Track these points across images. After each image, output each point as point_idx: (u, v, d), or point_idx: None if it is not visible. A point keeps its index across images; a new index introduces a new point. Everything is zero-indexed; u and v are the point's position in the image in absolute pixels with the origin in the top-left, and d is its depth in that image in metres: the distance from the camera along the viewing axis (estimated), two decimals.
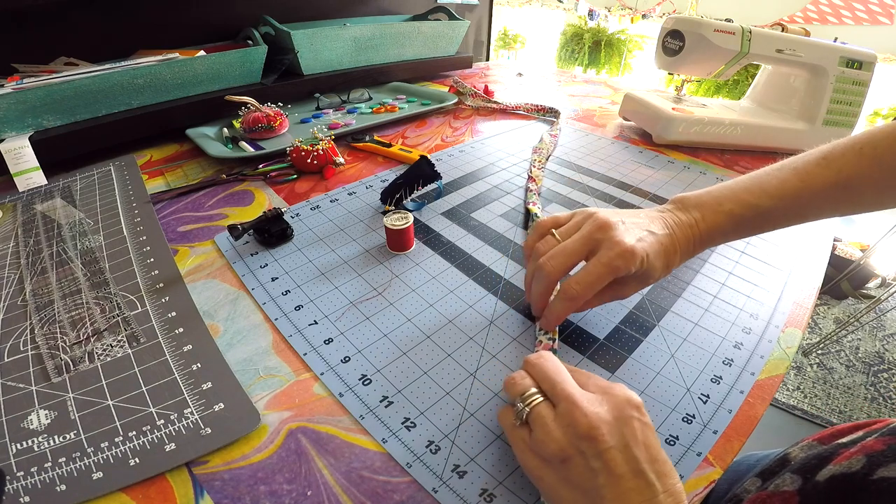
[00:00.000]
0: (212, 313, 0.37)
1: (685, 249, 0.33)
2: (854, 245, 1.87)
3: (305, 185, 0.56)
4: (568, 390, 0.24)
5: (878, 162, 0.31)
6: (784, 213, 0.34)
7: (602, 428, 0.22)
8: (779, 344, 0.35)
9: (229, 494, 0.25)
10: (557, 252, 0.31)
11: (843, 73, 0.65)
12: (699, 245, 0.34)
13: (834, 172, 0.32)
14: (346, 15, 0.95)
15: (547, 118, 0.80)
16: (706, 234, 0.33)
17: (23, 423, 0.28)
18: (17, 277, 0.41)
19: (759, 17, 2.58)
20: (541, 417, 0.24)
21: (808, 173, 0.33)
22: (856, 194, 0.32)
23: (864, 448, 0.26)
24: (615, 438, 0.22)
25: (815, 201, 0.33)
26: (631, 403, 0.23)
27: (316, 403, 0.30)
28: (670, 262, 0.33)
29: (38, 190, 0.55)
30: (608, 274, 0.30)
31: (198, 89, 0.68)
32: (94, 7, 0.65)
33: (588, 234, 0.31)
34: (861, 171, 0.32)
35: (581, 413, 0.23)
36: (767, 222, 0.34)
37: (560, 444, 0.22)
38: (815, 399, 1.36)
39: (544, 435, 0.23)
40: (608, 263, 0.30)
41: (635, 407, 0.23)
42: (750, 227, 0.34)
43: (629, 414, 0.23)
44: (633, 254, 0.30)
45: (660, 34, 0.69)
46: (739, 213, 0.33)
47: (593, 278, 0.30)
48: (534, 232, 0.35)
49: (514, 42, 3.73)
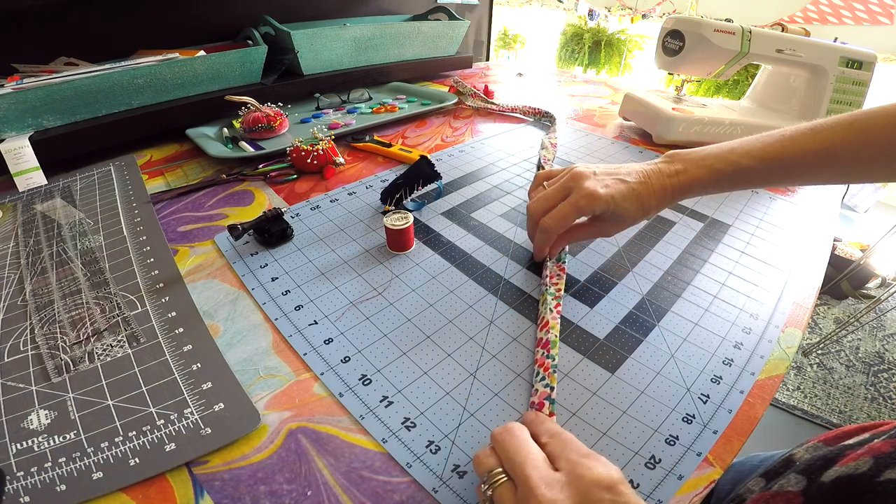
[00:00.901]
0: (212, 313, 0.37)
1: (661, 196, 0.38)
2: (854, 245, 1.88)
3: (305, 185, 0.56)
4: (526, 472, 0.21)
5: (868, 136, 0.34)
6: (764, 175, 0.37)
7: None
8: (779, 344, 0.35)
9: (229, 494, 0.25)
10: (540, 196, 0.39)
11: (843, 73, 0.65)
12: (678, 193, 0.38)
13: (819, 141, 0.35)
14: (346, 15, 0.95)
15: (543, 122, 0.79)
16: (686, 184, 0.37)
17: (23, 423, 0.28)
18: (17, 277, 0.41)
19: (759, 17, 2.58)
20: (500, 501, 0.22)
21: (794, 140, 0.35)
22: (838, 162, 0.35)
23: (871, 450, 0.26)
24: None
25: (797, 166, 0.36)
26: (601, 484, 0.20)
27: (316, 403, 0.30)
28: (644, 205, 0.38)
29: (38, 190, 0.55)
30: (574, 212, 0.37)
31: (198, 89, 0.68)
32: (94, 7, 0.65)
33: (563, 183, 0.38)
34: (847, 142, 0.34)
35: (534, 499, 0.20)
36: (747, 181, 0.38)
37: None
38: (815, 399, 1.36)
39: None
40: (574, 203, 0.36)
41: (606, 488, 0.20)
42: (729, 183, 0.38)
43: (596, 497, 0.20)
44: (595, 197, 0.36)
45: (660, 34, 0.69)
46: (720, 168, 0.37)
47: (561, 214, 0.37)
48: (533, 182, 0.44)
49: (514, 42, 3.73)
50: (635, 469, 0.26)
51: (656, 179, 0.38)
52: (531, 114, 0.80)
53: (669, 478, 0.26)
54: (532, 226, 0.40)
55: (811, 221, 0.51)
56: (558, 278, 0.39)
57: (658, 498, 0.25)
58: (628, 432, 0.28)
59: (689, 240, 0.47)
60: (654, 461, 0.27)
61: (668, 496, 0.25)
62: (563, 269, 0.40)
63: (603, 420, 0.29)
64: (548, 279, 0.39)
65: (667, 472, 0.26)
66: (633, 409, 0.29)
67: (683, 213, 0.51)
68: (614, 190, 0.37)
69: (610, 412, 0.29)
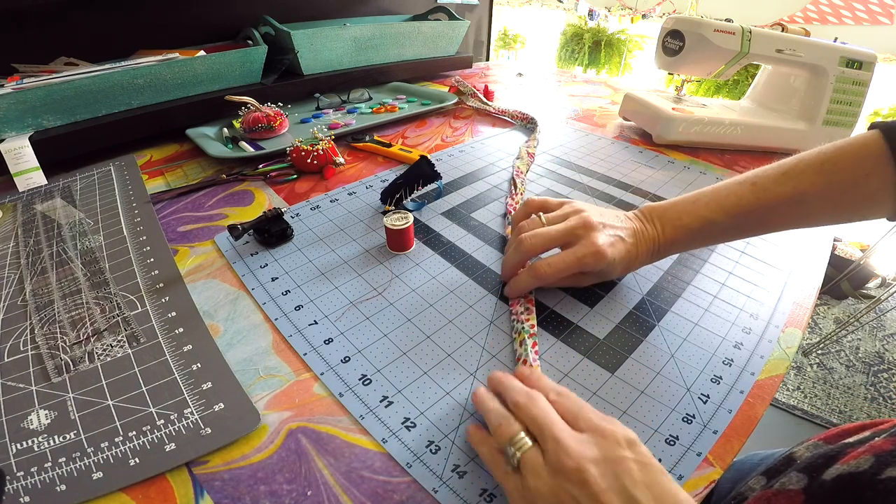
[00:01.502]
0: (212, 313, 0.37)
1: (644, 258, 0.37)
2: (854, 245, 1.87)
3: (305, 185, 0.56)
4: (556, 434, 0.23)
5: (836, 179, 0.33)
6: (737, 228, 0.37)
7: (590, 470, 0.21)
8: (779, 344, 0.35)
9: (229, 494, 0.25)
10: (540, 234, 0.36)
11: (843, 73, 0.65)
12: (657, 255, 0.38)
13: (790, 188, 0.34)
14: (346, 15, 0.95)
15: (527, 127, 0.76)
16: (665, 245, 0.37)
17: (23, 423, 0.28)
18: (17, 277, 0.41)
19: (759, 17, 2.58)
20: (531, 463, 0.23)
21: (766, 190, 0.35)
22: (809, 209, 0.34)
23: (872, 448, 0.26)
24: (608, 481, 0.21)
25: (769, 216, 0.35)
26: (622, 442, 0.22)
27: (316, 403, 0.30)
28: (630, 266, 0.37)
29: (38, 190, 0.55)
30: (576, 266, 0.34)
31: (198, 89, 0.68)
32: (94, 7, 0.65)
33: (571, 228, 0.35)
34: (816, 188, 0.33)
35: (567, 456, 0.22)
36: (722, 235, 0.38)
37: (551, 489, 0.21)
38: (815, 399, 1.36)
39: (535, 482, 0.22)
40: (580, 258, 0.34)
41: (628, 444, 0.22)
42: (705, 240, 0.38)
43: (621, 454, 0.22)
44: (604, 256, 0.34)
45: (660, 34, 0.69)
46: (695, 227, 0.36)
47: (563, 266, 0.35)
48: (523, 207, 0.40)
49: (514, 42, 3.73)
50: None
51: (643, 241, 0.37)
52: (518, 118, 0.77)
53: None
54: (518, 262, 0.37)
55: None
56: (527, 313, 0.35)
57: None
58: None
59: None
60: None
61: None
62: (532, 301, 0.37)
63: None
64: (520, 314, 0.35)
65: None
66: (633, 409, 0.29)
67: None
68: (616, 250, 0.35)
69: (610, 412, 0.29)
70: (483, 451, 0.25)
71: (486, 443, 0.26)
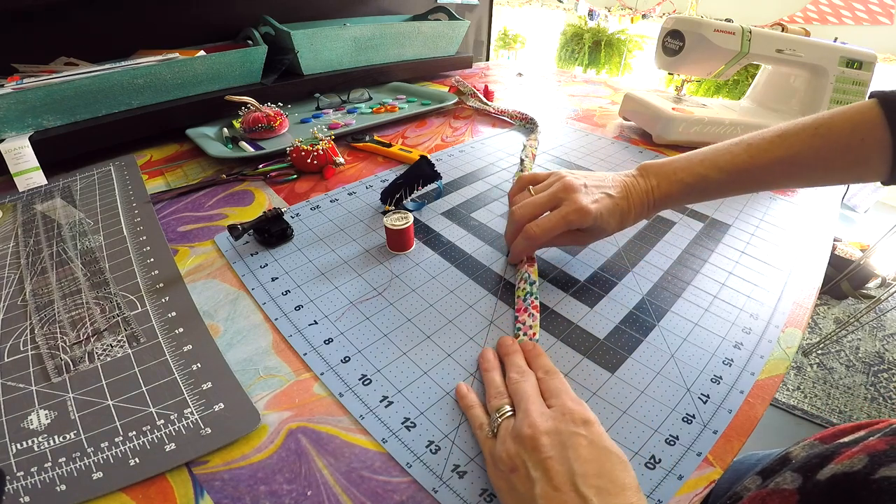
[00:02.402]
0: (212, 313, 0.37)
1: (639, 211, 0.39)
2: (854, 245, 1.88)
3: (305, 185, 0.56)
4: (529, 407, 0.26)
5: (831, 142, 0.34)
6: (731, 185, 0.38)
7: (542, 438, 0.24)
8: (779, 344, 0.35)
9: (229, 494, 0.25)
10: (527, 203, 0.39)
11: (843, 73, 0.65)
12: (653, 208, 0.39)
13: (785, 148, 0.35)
14: (346, 15, 0.95)
15: (526, 127, 0.75)
16: (660, 199, 0.39)
17: (23, 423, 0.28)
18: (17, 277, 0.41)
19: (759, 17, 2.58)
20: (503, 429, 0.26)
21: (760, 149, 0.36)
22: (802, 169, 0.36)
23: (867, 447, 0.26)
24: (556, 450, 0.23)
25: (763, 175, 0.37)
26: (577, 420, 0.25)
27: (316, 403, 0.30)
28: (624, 220, 0.39)
29: (38, 190, 0.55)
30: (562, 224, 0.37)
31: (198, 89, 0.68)
32: (94, 7, 0.65)
33: (554, 192, 0.38)
34: (812, 148, 0.35)
35: (528, 423, 0.24)
36: (716, 191, 0.38)
37: (509, 452, 0.24)
38: (815, 399, 1.36)
39: (500, 445, 0.25)
40: (564, 216, 0.36)
41: (584, 423, 0.24)
42: (700, 195, 0.39)
43: (574, 430, 0.24)
44: (586, 212, 0.36)
45: (660, 34, 0.69)
46: (690, 182, 0.38)
47: (550, 225, 0.37)
48: (515, 184, 0.43)
49: (514, 42, 3.73)
50: (635, 469, 0.26)
51: (635, 195, 0.38)
52: (517, 118, 0.77)
53: (669, 478, 0.26)
54: (514, 231, 0.39)
55: (811, 221, 0.51)
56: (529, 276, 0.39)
57: (658, 498, 0.25)
58: (628, 432, 0.28)
59: (689, 240, 0.47)
60: (654, 461, 0.27)
61: (668, 496, 0.25)
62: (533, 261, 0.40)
63: (603, 420, 0.29)
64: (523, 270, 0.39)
65: (667, 472, 0.26)
66: (633, 409, 0.29)
67: (683, 213, 0.51)
68: (602, 205, 0.37)
69: (610, 412, 0.29)
70: (471, 414, 0.29)
71: (475, 408, 0.29)
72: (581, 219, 0.36)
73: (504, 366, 0.31)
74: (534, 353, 0.32)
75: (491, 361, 0.32)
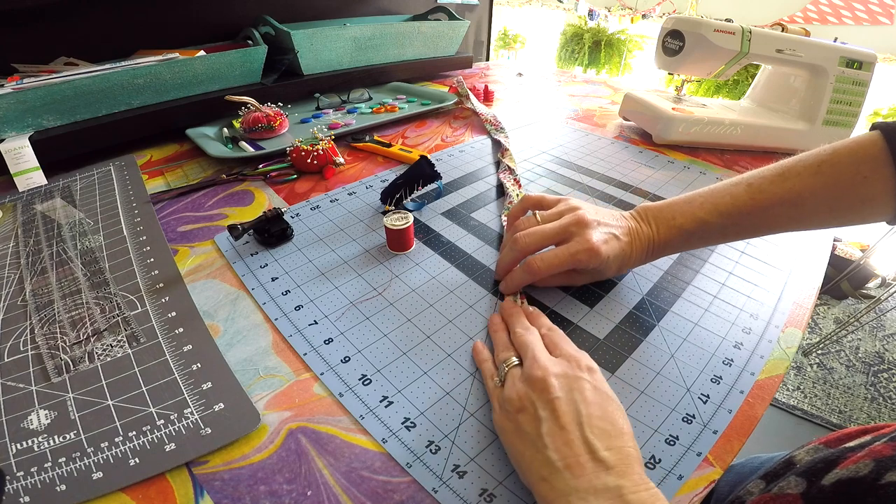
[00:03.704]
0: (212, 313, 0.37)
1: (639, 257, 0.37)
2: (854, 245, 1.87)
3: (305, 185, 0.56)
4: (535, 354, 0.28)
5: (833, 181, 0.32)
6: (732, 229, 0.36)
7: (551, 379, 0.25)
8: (779, 344, 0.35)
9: (229, 494, 0.25)
10: (535, 232, 0.36)
11: (843, 73, 0.65)
12: (652, 255, 0.38)
13: (786, 189, 0.34)
14: (346, 15, 0.95)
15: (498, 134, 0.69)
16: (660, 246, 0.37)
17: (23, 423, 0.28)
18: (17, 277, 0.41)
19: (759, 17, 2.58)
20: (511, 376, 0.28)
21: (762, 191, 0.34)
22: (806, 211, 0.34)
23: (873, 452, 0.26)
24: (563, 392, 0.25)
25: (764, 218, 0.35)
26: (583, 367, 0.27)
27: (316, 403, 0.30)
28: (624, 266, 0.37)
29: (38, 190, 0.55)
30: (570, 263, 0.35)
31: (198, 89, 0.68)
32: (94, 7, 0.65)
33: (565, 226, 0.36)
34: (813, 189, 0.33)
35: (537, 367, 0.27)
36: (717, 237, 0.37)
37: (518, 394, 0.26)
38: (815, 399, 1.36)
39: (509, 388, 0.27)
40: (574, 254, 0.35)
41: (588, 370, 0.27)
42: (700, 241, 0.37)
43: (580, 374, 0.26)
44: (597, 253, 0.34)
45: (660, 34, 0.69)
46: (689, 228, 0.36)
47: (556, 262, 0.35)
48: (519, 204, 0.41)
49: (514, 42, 3.73)
50: None
51: (638, 241, 0.37)
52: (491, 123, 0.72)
53: (669, 478, 0.26)
54: (514, 260, 0.37)
55: None
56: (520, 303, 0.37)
57: None
58: None
59: None
60: (654, 461, 0.27)
61: (668, 496, 0.25)
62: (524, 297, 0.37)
63: None
64: None
65: (667, 472, 0.26)
66: (633, 409, 0.29)
67: None
68: (611, 248, 0.35)
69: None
70: (484, 367, 0.31)
71: (488, 362, 0.31)
72: (590, 259, 0.34)
73: (508, 325, 0.33)
74: (535, 314, 0.34)
75: (498, 324, 0.34)
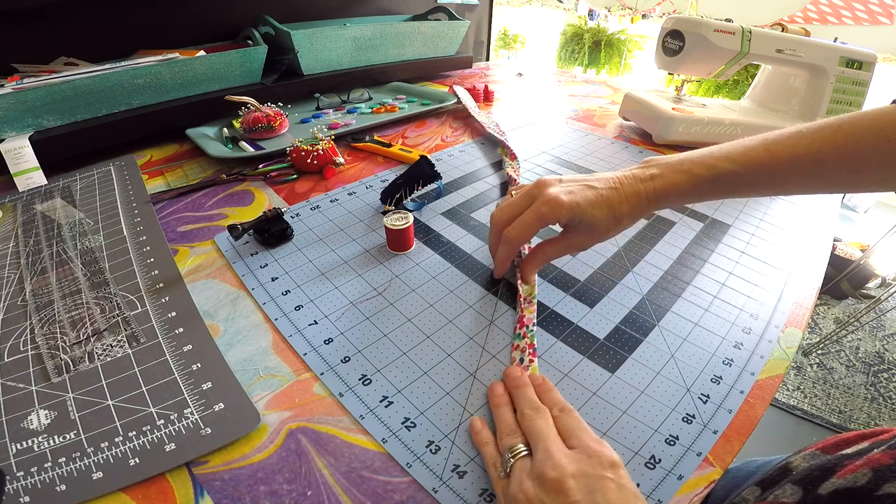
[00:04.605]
0: (212, 313, 0.37)
1: (634, 202, 0.35)
2: (854, 245, 1.87)
3: (305, 185, 0.56)
4: (549, 447, 0.24)
5: (855, 140, 0.31)
6: (746, 180, 0.34)
7: (569, 482, 0.22)
8: (779, 344, 0.35)
9: (229, 494, 0.25)
10: (504, 205, 0.37)
11: (843, 73, 0.65)
12: (653, 201, 0.35)
13: (805, 145, 0.32)
14: (346, 15, 0.95)
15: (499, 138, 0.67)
16: (662, 189, 0.35)
17: (23, 423, 0.28)
18: (17, 277, 0.41)
19: (759, 17, 2.58)
20: (518, 469, 0.24)
21: (778, 144, 0.33)
22: (825, 168, 0.32)
23: (871, 461, 0.25)
24: (583, 494, 0.21)
25: (780, 171, 0.33)
26: (605, 463, 0.23)
27: (316, 403, 0.30)
28: (616, 212, 0.35)
29: (38, 190, 0.55)
30: (536, 220, 0.34)
31: (198, 89, 0.68)
32: (94, 7, 0.65)
33: (527, 191, 0.36)
34: (833, 147, 0.31)
35: (551, 465, 0.23)
36: (728, 186, 0.34)
37: (527, 494, 0.22)
38: (815, 399, 1.36)
39: (516, 485, 0.23)
40: (536, 210, 0.34)
41: (611, 466, 0.23)
42: (710, 190, 0.35)
43: (602, 473, 0.22)
44: (557, 203, 0.33)
45: (660, 34, 0.69)
46: (698, 173, 0.34)
47: (524, 223, 0.35)
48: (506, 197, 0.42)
49: (514, 42, 3.73)
50: (635, 469, 0.26)
51: (629, 185, 0.35)
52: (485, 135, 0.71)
53: (669, 478, 0.26)
54: (495, 236, 0.37)
55: (811, 221, 0.51)
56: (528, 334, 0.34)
57: (658, 498, 0.25)
58: (628, 432, 0.28)
59: (689, 240, 0.47)
60: (654, 461, 0.27)
61: (668, 496, 0.25)
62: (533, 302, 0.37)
63: (603, 420, 0.29)
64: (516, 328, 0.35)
65: (667, 472, 0.26)
66: (633, 409, 0.29)
67: (683, 214, 0.51)
68: (580, 196, 0.34)
69: (610, 412, 0.29)
70: (485, 451, 0.27)
71: (489, 445, 0.27)
72: (554, 211, 0.33)
73: (513, 399, 0.29)
74: (544, 387, 0.29)
75: (501, 396, 0.29)
